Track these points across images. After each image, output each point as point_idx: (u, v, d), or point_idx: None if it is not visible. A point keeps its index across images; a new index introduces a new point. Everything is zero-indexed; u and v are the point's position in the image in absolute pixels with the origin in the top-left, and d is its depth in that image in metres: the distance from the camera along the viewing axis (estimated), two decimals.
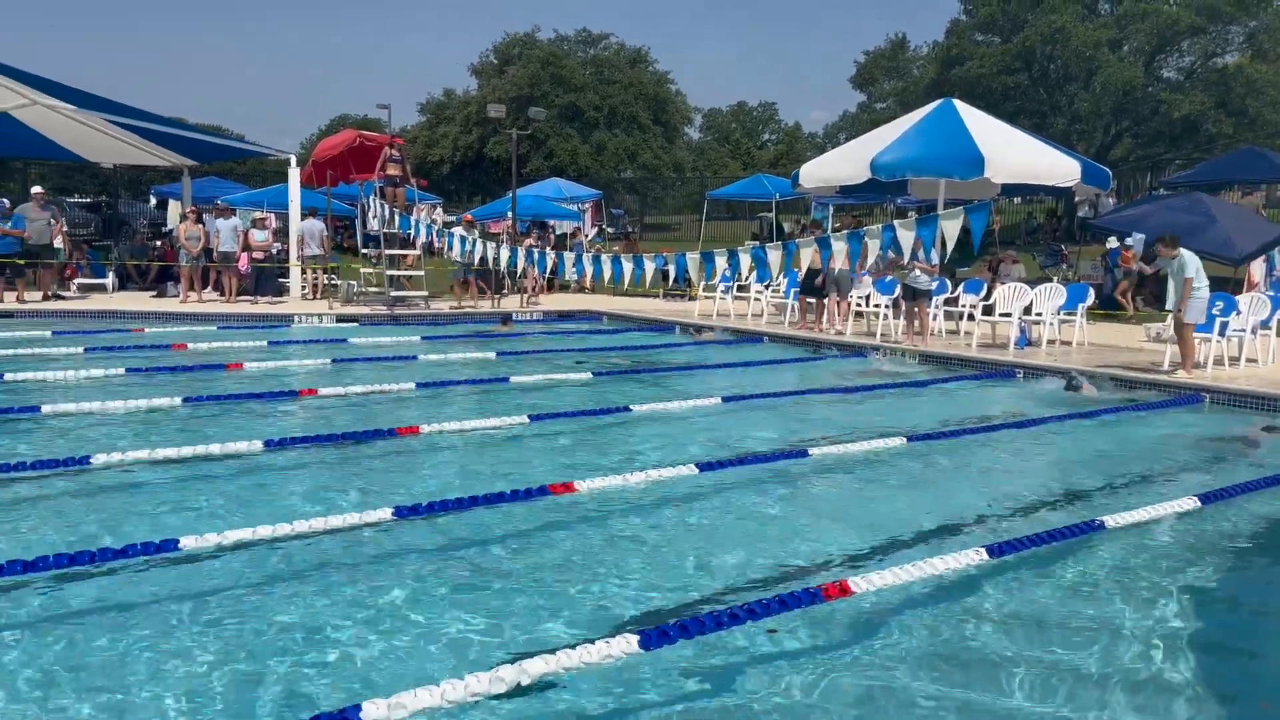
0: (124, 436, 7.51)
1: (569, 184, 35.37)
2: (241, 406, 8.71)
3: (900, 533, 5.69)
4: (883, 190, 19.61)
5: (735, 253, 12.07)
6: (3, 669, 3.70)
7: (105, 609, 4.25)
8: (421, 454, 7.34)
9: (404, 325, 15.77)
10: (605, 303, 19.68)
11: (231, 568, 4.75)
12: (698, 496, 6.29)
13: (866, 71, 50.19)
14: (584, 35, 57.16)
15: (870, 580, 4.36)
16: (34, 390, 9.10)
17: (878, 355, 13.12)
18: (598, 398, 9.69)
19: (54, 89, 17.44)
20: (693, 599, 4.59)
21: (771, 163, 55.73)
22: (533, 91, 49.14)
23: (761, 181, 31.36)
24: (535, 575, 4.86)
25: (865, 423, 8.80)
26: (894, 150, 15.55)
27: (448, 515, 5.58)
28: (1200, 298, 11.05)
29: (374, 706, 3.06)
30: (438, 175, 50.17)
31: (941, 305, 14.31)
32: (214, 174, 33.00)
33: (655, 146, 52.70)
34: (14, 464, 6.18)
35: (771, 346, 14.26)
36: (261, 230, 18.69)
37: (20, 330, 12.92)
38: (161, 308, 16.15)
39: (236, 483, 6.38)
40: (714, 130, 68.79)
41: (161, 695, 3.55)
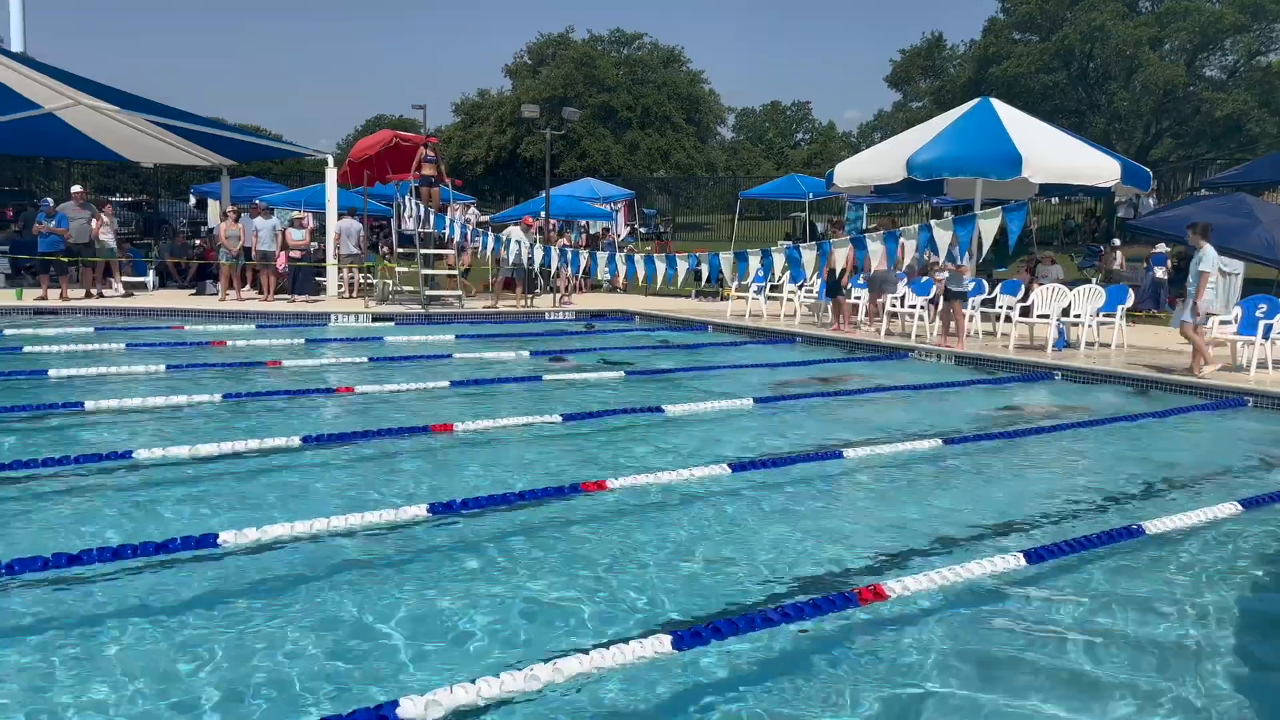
0: (165, 432, 7.62)
1: (602, 184, 35.44)
2: (280, 403, 8.81)
3: (936, 536, 5.64)
4: (918, 190, 19.49)
5: (769, 252, 12.02)
6: (47, 660, 3.77)
7: (147, 603, 4.31)
8: (456, 451, 7.39)
9: (438, 324, 15.87)
10: (637, 303, 19.69)
11: (270, 563, 4.80)
12: (730, 497, 6.28)
13: (902, 70, 49.77)
14: (618, 35, 57.24)
15: (905, 584, 4.33)
16: (77, 386, 9.26)
17: (913, 356, 13.03)
18: (630, 397, 9.70)
19: (97, 89, 17.77)
20: (725, 601, 4.58)
21: (805, 162, 55.48)
22: (566, 92, 49.30)
23: (795, 181, 31.24)
24: (568, 573, 4.87)
25: (900, 425, 8.74)
26: (930, 149, 15.43)
27: (481, 512, 5.61)
28: (1206, 298, 10.99)
29: (411, 703, 3.08)
30: (472, 175, 50.44)
31: (978, 306, 14.17)
32: (252, 174, 33.38)
33: (688, 146, 52.66)
34: (58, 459, 6.29)
35: (805, 347, 14.20)
36: (299, 229, 18.89)
37: (63, 327, 13.16)
38: (201, 305, 16.38)
39: (275, 479, 6.46)
40: (747, 130, 68.63)
41: (200, 688, 3.60)
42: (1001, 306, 14.14)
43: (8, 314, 14.92)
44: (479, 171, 52.86)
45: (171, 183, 40.79)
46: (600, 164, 48.57)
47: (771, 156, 61.40)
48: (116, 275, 17.83)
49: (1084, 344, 13.12)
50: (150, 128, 19.70)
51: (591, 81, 51.39)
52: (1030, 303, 13.61)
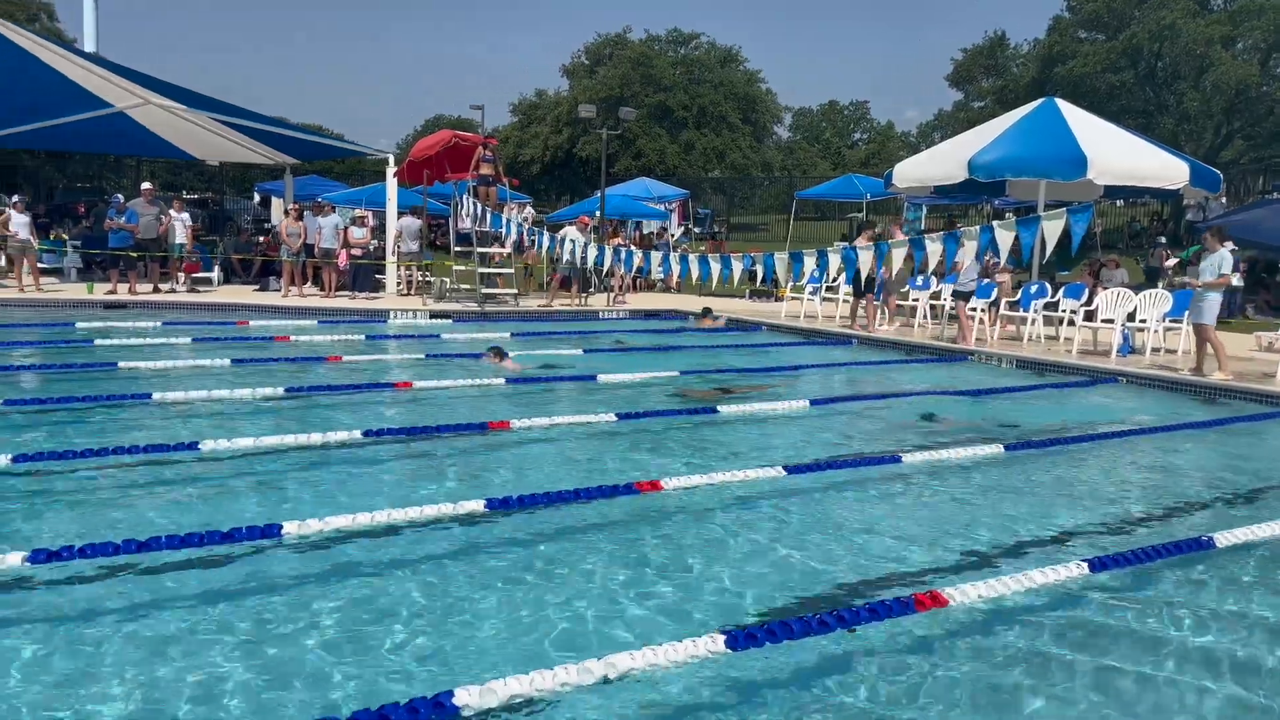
0: (230, 424, 7.80)
1: (656, 183, 35.44)
2: (341, 398, 8.96)
3: (996, 543, 5.55)
4: (979, 191, 19.19)
5: (824, 253, 11.93)
6: (116, 645, 3.88)
7: (212, 591, 4.42)
8: (512, 448, 7.45)
9: (494, 322, 16.01)
10: (691, 302, 19.67)
11: (331, 554, 4.89)
12: (786, 499, 6.24)
13: (964, 69, 49.05)
14: (675, 35, 57.26)
15: (964, 591, 4.26)
16: (145, 378, 9.51)
17: (973, 360, 12.83)
18: (684, 396, 9.69)
19: (166, 89, 18.22)
20: (779, 603, 4.56)
21: (862, 162, 54.94)
22: (623, 91, 49.42)
23: (852, 181, 30.91)
24: (621, 571, 4.89)
25: (959, 429, 8.61)
26: (993, 150, 15.19)
27: (537, 508, 5.65)
28: (1213, 299, 10.95)
29: (466, 692, 3.12)
30: (528, 175, 50.81)
31: (1040, 310, 13.92)
32: (315, 172, 34.00)
33: (744, 146, 52.48)
34: (127, 448, 6.48)
35: (861, 349, 14.07)
36: (360, 228, 19.20)
37: (132, 321, 13.53)
38: (264, 301, 16.72)
39: (337, 471, 6.58)
40: (803, 130, 68.16)
41: (260, 674, 3.68)
42: (1064, 310, 13.87)
43: (79, 308, 15.38)
44: (535, 171, 53.22)
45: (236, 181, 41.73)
46: (655, 163, 48.60)
47: (828, 156, 60.92)
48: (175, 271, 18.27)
49: (1149, 349, 12.81)
50: (216, 126, 20.16)
51: (648, 81, 51.44)
52: (1094, 307, 13.33)
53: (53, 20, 41.29)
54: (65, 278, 19.08)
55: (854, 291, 15.44)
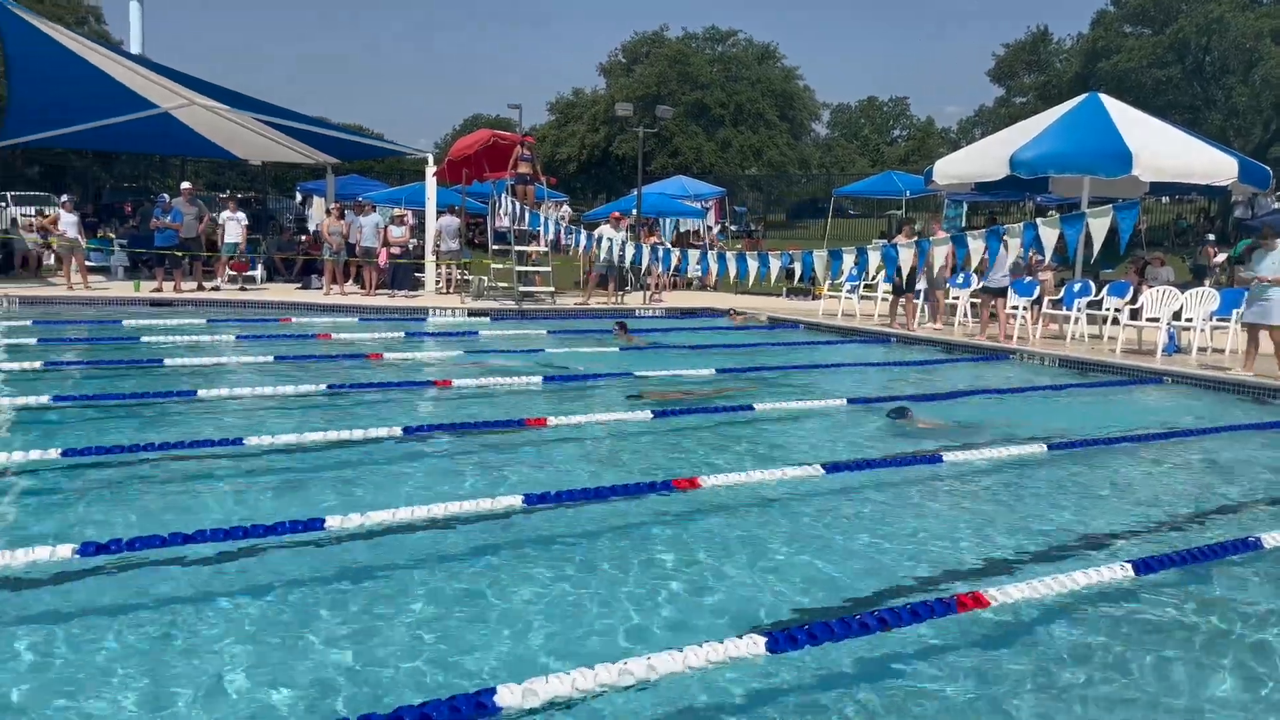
0: (273, 420, 7.91)
1: (693, 181, 35.38)
2: (381, 394, 9.05)
3: (1038, 544, 5.48)
4: (1021, 188, 18.97)
5: (864, 250, 11.84)
6: (162, 635, 3.95)
7: (255, 583, 4.48)
8: (549, 445, 7.47)
9: (532, 320, 16.08)
10: (727, 300, 19.63)
11: (372, 549, 4.94)
12: (824, 498, 6.20)
13: (1005, 65, 48.51)
14: (712, 32, 57.20)
15: (1007, 593, 4.21)
16: (190, 375, 9.67)
17: (1015, 359, 12.68)
18: (722, 394, 9.67)
19: (210, 89, 18.49)
20: (818, 604, 4.53)
21: (902, 159, 54.51)
22: (660, 90, 49.44)
23: (891, 178, 30.66)
24: (661, 570, 4.89)
25: (1002, 428, 8.51)
26: (1035, 146, 15.00)
27: (575, 505, 5.67)
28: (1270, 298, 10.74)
29: (508, 691, 3.13)
30: (565, 173, 51.00)
31: (1084, 308, 13.72)
32: (355, 172, 34.33)
33: (781, 143, 52.28)
34: (174, 443, 6.60)
35: (900, 347, 13.95)
36: (400, 226, 19.37)
37: (178, 319, 13.76)
38: (306, 299, 16.93)
39: (378, 467, 6.65)
40: (842, 126, 67.73)
41: (302, 668, 3.73)
42: (1109, 309, 13.66)
43: (126, 305, 15.67)
44: (572, 170, 53.41)
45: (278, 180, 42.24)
46: (692, 161, 48.56)
47: (867, 153, 60.48)
48: (222, 270, 18.58)
49: (1195, 349, 12.57)
50: (259, 126, 20.43)
51: (685, 79, 51.42)
52: (1139, 305, 13.11)
53: (100, 23, 42.12)
54: (112, 276, 19.45)
55: (893, 289, 15.33)
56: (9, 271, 18.61)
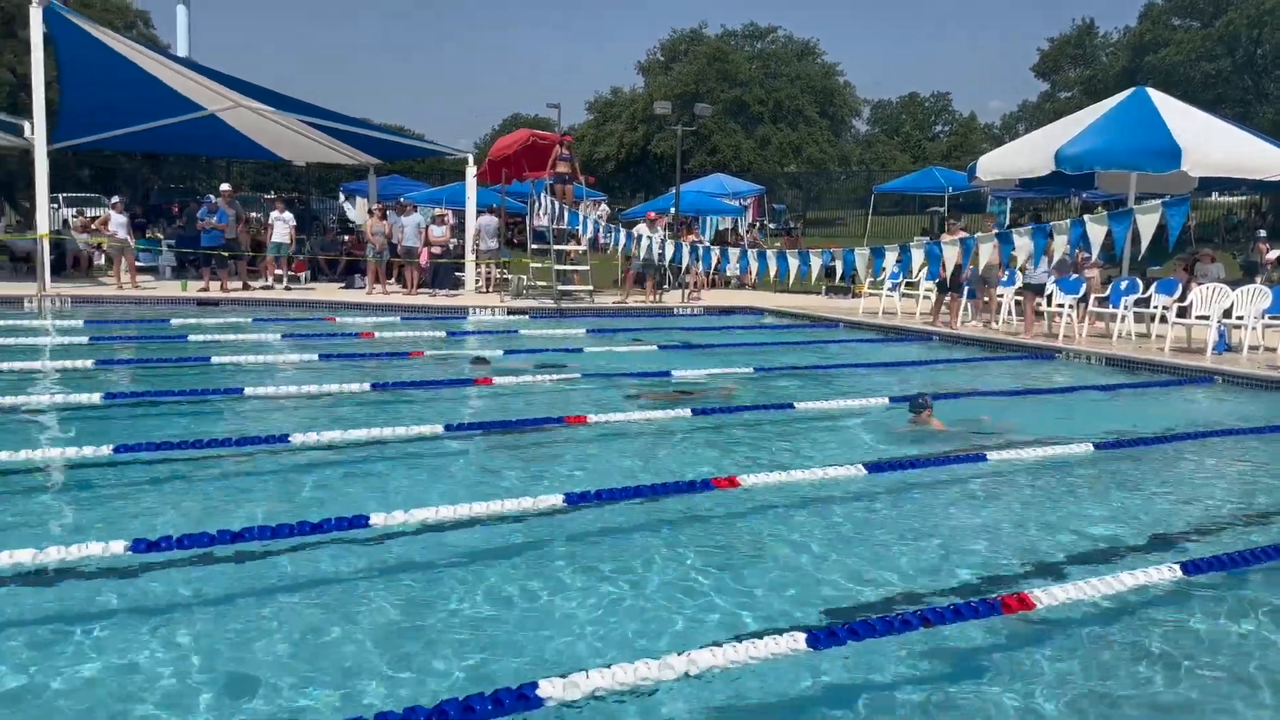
0: (319, 418, 8.02)
1: (731, 179, 35.28)
2: (423, 393, 9.14)
3: (1084, 544, 5.41)
4: (1067, 184, 18.66)
5: (907, 248, 11.74)
6: (211, 631, 4.03)
7: (302, 579, 4.56)
8: (589, 443, 7.50)
9: (570, 319, 16.14)
10: (766, 299, 19.57)
11: (416, 545, 5.00)
12: (866, 498, 6.17)
13: (1050, 59, 47.87)
14: (751, 29, 56.99)
15: (1053, 594, 4.15)
16: (237, 373, 9.84)
17: (1060, 358, 12.51)
18: (760, 393, 9.65)
19: (255, 91, 18.78)
20: (859, 602, 4.51)
21: (944, 155, 53.90)
22: (698, 87, 49.36)
23: (933, 174, 30.32)
24: (701, 567, 4.89)
25: (1048, 427, 8.39)
26: (1081, 141, 14.76)
27: (615, 503, 5.69)
28: None
29: (550, 684, 3.15)
30: (603, 172, 51.11)
31: (1131, 306, 13.49)
32: (397, 172, 34.66)
33: (821, 140, 51.96)
34: (221, 440, 6.72)
35: (942, 346, 13.81)
36: (440, 226, 19.54)
37: (224, 318, 13.99)
38: (349, 299, 17.14)
39: (420, 464, 6.72)
40: (883, 123, 67.15)
41: (346, 662, 3.78)
42: (1157, 307, 13.42)
43: (174, 305, 15.97)
44: (610, 169, 53.49)
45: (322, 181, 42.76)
46: (730, 159, 48.42)
47: (908, 149, 59.90)
48: (267, 270, 18.86)
49: (1246, 347, 12.31)
50: (303, 128, 20.71)
51: (724, 77, 51.28)
52: (1188, 303, 12.87)
53: (148, 27, 42.85)
54: (160, 275, 19.83)
55: (938, 287, 15.18)
56: (61, 271, 19.03)
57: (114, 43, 17.72)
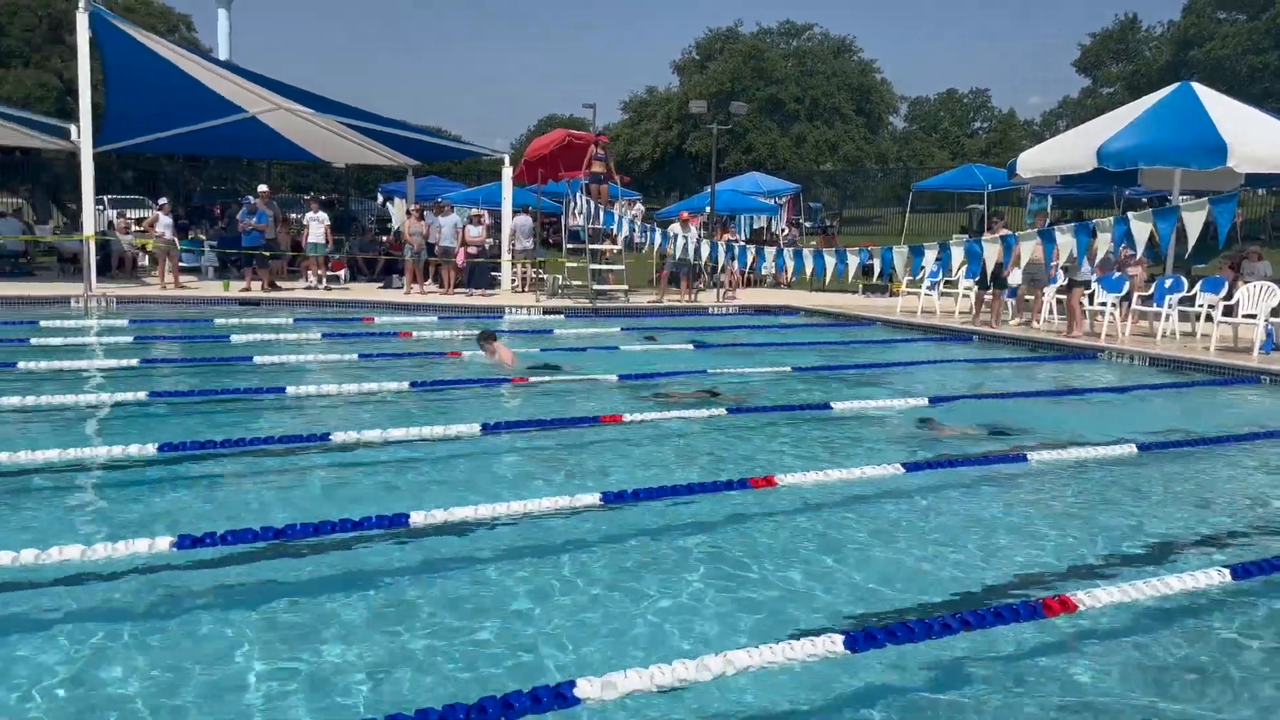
0: (359, 416, 8.11)
1: (766, 178, 35.12)
2: (460, 392, 9.21)
3: (1128, 547, 5.33)
4: (1109, 181, 18.37)
5: (947, 245, 11.62)
6: (258, 624, 4.09)
7: (344, 575, 4.61)
8: (625, 442, 7.51)
9: (606, 318, 16.17)
10: (802, 298, 19.48)
11: (455, 543, 5.04)
12: (904, 498, 6.12)
13: (1092, 54, 47.17)
14: (787, 27, 56.67)
15: (1096, 597, 4.09)
16: (279, 372, 9.97)
17: (1102, 357, 12.33)
18: (797, 393, 9.61)
19: (295, 93, 19.00)
20: (897, 604, 4.48)
21: (983, 152, 53.25)
22: (734, 86, 49.18)
23: (972, 172, 29.96)
24: (737, 567, 4.88)
25: (1090, 428, 8.27)
26: (1124, 137, 14.53)
27: (651, 502, 5.69)
28: None
29: (588, 684, 3.17)
30: (638, 171, 51.10)
31: (1175, 304, 13.26)
32: (434, 173, 34.90)
33: (857, 137, 51.57)
34: (264, 438, 6.82)
35: (982, 345, 13.67)
36: (477, 226, 19.65)
37: (265, 318, 14.18)
38: (388, 298, 17.30)
39: (458, 463, 6.77)
40: (920, 119, 66.45)
41: (386, 658, 3.82)
42: (1202, 305, 13.18)
43: (217, 304, 16.22)
44: (645, 168, 53.46)
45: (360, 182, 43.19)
46: (766, 157, 48.19)
47: (946, 146, 59.26)
48: (307, 269, 19.10)
49: None
50: (342, 129, 20.93)
51: (759, 75, 51.06)
52: (1234, 301, 12.62)
53: (190, 30, 43.50)
54: (203, 276, 20.13)
55: (978, 285, 15.01)
56: (107, 272, 19.40)
57: (158, 47, 18.01)
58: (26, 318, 13.37)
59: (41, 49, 37.85)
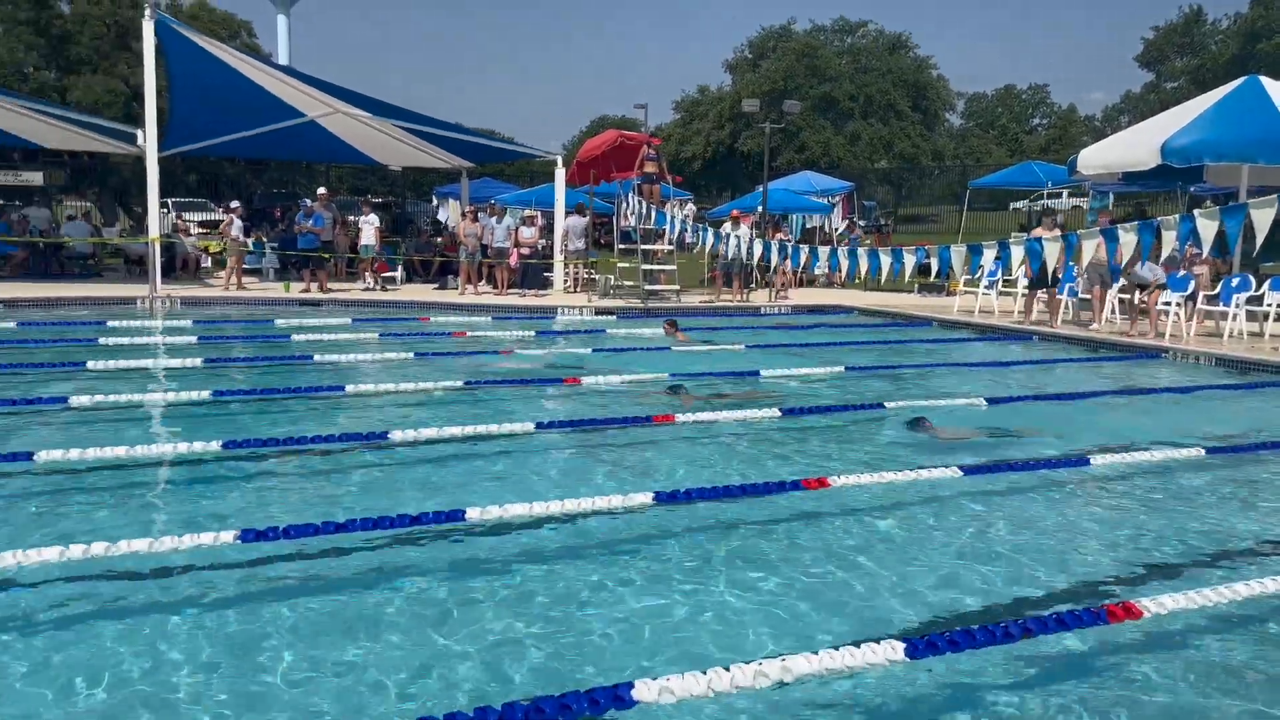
0: (414, 414, 8.21)
1: (819, 176, 34.85)
2: (514, 391, 9.28)
3: (1195, 552, 5.20)
4: (1173, 177, 17.91)
5: (1006, 244, 11.43)
6: (315, 617, 4.16)
7: (402, 570, 4.68)
8: (677, 442, 7.51)
9: (658, 318, 16.15)
10: (856, 297, 19.30)
11: (509, 539, 5.09)
12: (962, 500, 6.03)
13: (1155, 48, 46.07)
14: (841, 24, 56.18)
15: (1162, 604, 3.99)
16: (338, 371, 10.14)
17: (1167, 358, 12.03)
18: (850, 393, 9.52)
19: (352, 97, 19.30)
20: (958, 610, 4.41)
21: (1042, 149, 52.30)
22: (787, 84, 48.93)
23: (1031, 168, 29.42)
24: (792, 571, 4.85)
25: (1155, 431, 8.07)
26: (1189, 133, 14.16)
27: (704, 502, 5.68)
28: None
29: (645, 686, 3.16)
30: (689, 171, 51.06)
31: (1243, 304, 12.89)
32: (488, 175, 35.20)
33: (913, 135, 50.96)
34: (324, 436, 6.93)
35: (1042, 346, 13.41)
36: (530, 227, 19.80)
37: (324, 318, 14.42)
38: (443, 299, 17.50)
39: (513, 461, 6.83)
40: (978, 116, 65.48)
41: (443, 654, 3.86)
42: (1270, 305, 12.80)
43: (278, 305, 16.53)
44: (697, 168, 53.38)
45: (416, 184, 43.73)
46: (820, 156, 47.84)
47: (1004, 143, 58.30)
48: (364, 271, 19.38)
49: None
50: (398, 133, 21.21)
51: (813, 72, 50.72)
52: None
53: (251, 36, 44.44)
54: (264, 277, 20.53)
55: (1030, 284, 14.76)
56: (171, 273, 19.88)
57: (220, 52, 18.42)
58: (95, 318, 13.76)
59: (109, 56, 39.00)
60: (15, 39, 38.17)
